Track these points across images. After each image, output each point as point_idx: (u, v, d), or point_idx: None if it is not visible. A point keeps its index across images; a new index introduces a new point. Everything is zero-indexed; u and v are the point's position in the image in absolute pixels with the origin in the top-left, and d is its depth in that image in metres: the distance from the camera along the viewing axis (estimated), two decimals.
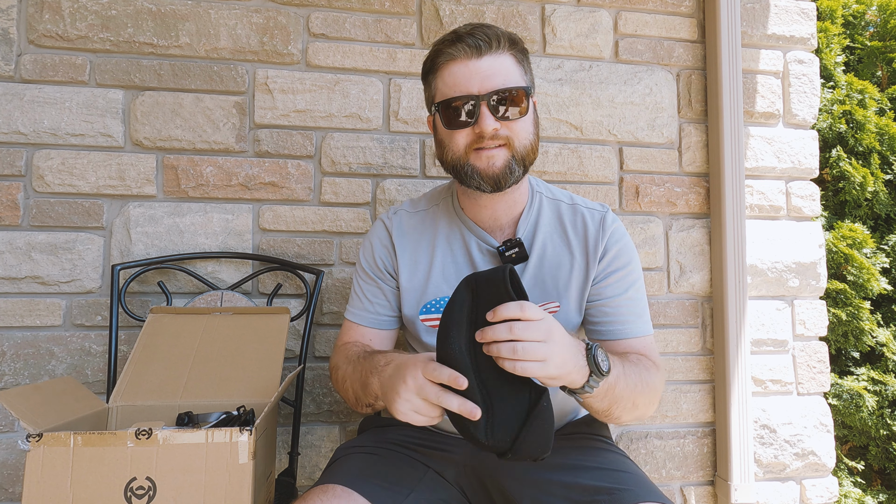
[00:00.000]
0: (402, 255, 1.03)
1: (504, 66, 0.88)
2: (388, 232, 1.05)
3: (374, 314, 1.05)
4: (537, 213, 1.01)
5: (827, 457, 1.67)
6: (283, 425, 1.42)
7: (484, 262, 0.99)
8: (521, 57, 0.92)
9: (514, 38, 0.91)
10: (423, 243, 1.03)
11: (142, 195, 1.45)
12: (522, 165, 0.91)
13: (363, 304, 1.06)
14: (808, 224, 1.73)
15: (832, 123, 2.06)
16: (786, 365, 1.68)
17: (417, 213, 1.06)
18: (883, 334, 1.92)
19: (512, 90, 0.87)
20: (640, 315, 0.98)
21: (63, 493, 0.82)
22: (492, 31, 0.88)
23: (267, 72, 1.51)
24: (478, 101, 0.86)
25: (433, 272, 1.01)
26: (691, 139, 1.70)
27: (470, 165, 0.90)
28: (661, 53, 1.70)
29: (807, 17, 1.77)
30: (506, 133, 0.88)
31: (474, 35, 0.87)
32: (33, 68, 1.41)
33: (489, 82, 0.87)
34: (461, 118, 0.88)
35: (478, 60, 0.87)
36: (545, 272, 0.98)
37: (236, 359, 1.18)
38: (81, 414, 1.00)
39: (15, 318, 1.38)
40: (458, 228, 1.02)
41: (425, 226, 1.04)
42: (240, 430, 0.85)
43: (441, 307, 1.00)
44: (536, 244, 0.99)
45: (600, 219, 0.99)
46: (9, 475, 1.36)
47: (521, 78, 0.90)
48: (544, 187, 1.06)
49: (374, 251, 1.05)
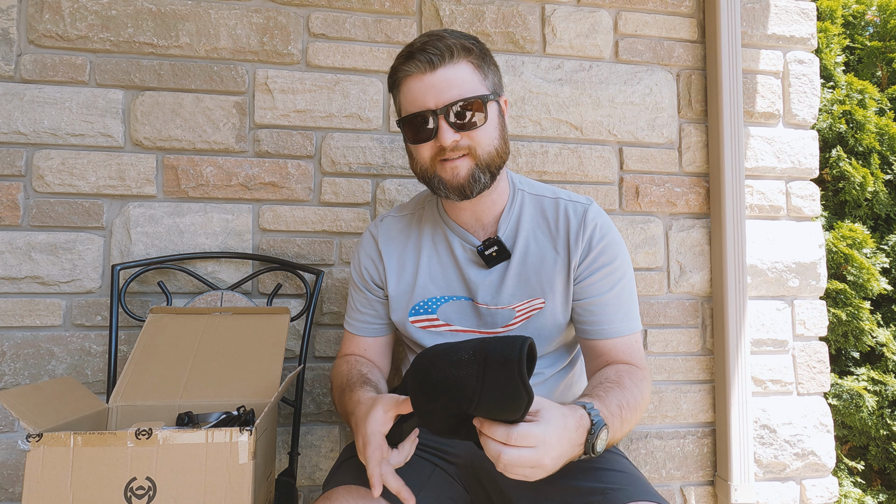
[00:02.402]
0: (389, 262, 1.05)
1: (459, 76, 0.88)
2: (374, 241, 1.08)
3: (365, 323, 1.10)
4: (519, 210, 1.02)
5: (827, 457, 1.67)
6: (283, 425, 1.42)
7: (467, 260, 1.01)
8: (480, 62, 0.92)
9: (468, 45, 0.90)
10: (410, 246, 1.06)
11: (142, 195, 1.44)
12: (488, 172, 0.92)
13: (356, 314, 1.11)
14: (808, 224, 1.73)
15: (832, 123, 2.06)
16: (786, 365, 1.68)
17: (404, 217, 1.09)
18: (883, 334, 1.92)
19: (468, 100, 0.88)
20: (627, 312, 0.98)
21: (63, 493, 0.82)
22: (444, 44, 0.88)
23: (267, 72, 1.51)
24: (435, 115, 0.88)
25: (420, 274, 1.03)
26: (691, 139, 1.70)
27: (437, 176, 0.92)
28: (661, 53, 1.70)
29: (807, 18, 1.77)
30: (467, 143, 0.90)
31: (426, 50, 0.88)
32: (33, 68, 1.41)
33: (444, 95, 0.88)
34: (422, 133, 0.90)
35: (432, 74, 0.88)
36: (529, 268, 0.99)
37: (236, 359, 1.18)
38: (81, 414, 1.00)
39: (15, 318, 1.38)
40: (441, 230, 1.04)
41: (411, 229, 1.07)
42: (240, 431, 0.85)
43: (429, 308, 1.01)
44: (519, 241, 1.00)
45: (582, 212, 0.99)
46: (9, 475, 1.35)
47: (479, 85, 0.90)
48: (527, 184, 1.06)
49: (362, 263, 1.09)
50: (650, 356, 1.64)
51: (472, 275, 1.00)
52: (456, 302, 1.02)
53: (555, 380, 1.05)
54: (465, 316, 1.03)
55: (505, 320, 1.01)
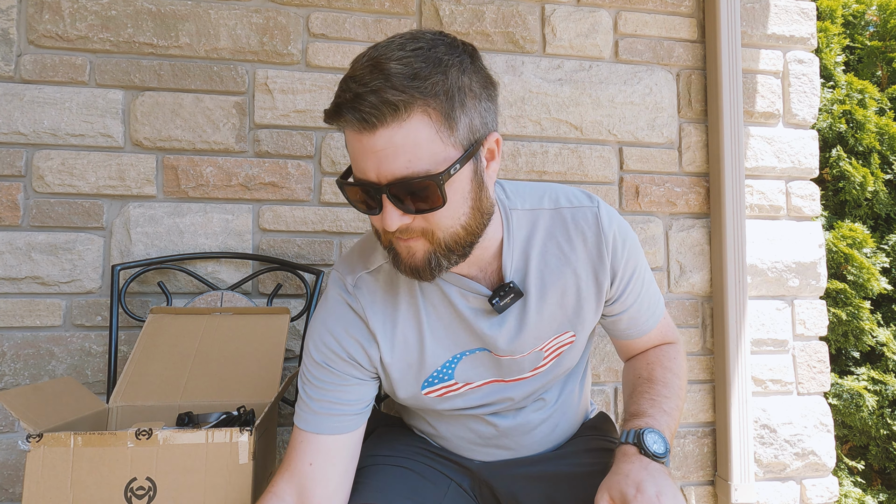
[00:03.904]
0: (382, 337, 0.81)
1: (409, 139, 0.62)
2: (355, 314, 0.82)
3: (334, 416, 0.81)
4: (521, 237, 0.82)
5: (827, 456, 1.67)
6: (282, 425, 1.42)
7: (471, 310, 0.81)
8: (447, 107, 0.63)
9: (428, 86, 0.62)
10: (401, 309, 0.82)
11: (142, 195, 1.44)
12: (453, 255, 0.72)
13: (320, 404, 0.81)
14: (808, 224, 1.73)
15: (832, 123, 2.06)
16: (786, 365, 1.68)
17: (380, 272, 0.83)
18: (883, 334, 1.91)
19: (417, 180, 0.63)
20: (655, 304, 0.93)
21: (63, 494, 0.82)
22: (384, 98, 0.60)
23: (267, 72, 1.51)
24: (378, 191, 0.65)
25: (426, 341, 0.82)
26: (691, 139, 1.70)
27: (393, 250, 0.73)
28: (660, 53, 1.70)
29: (807, 17, 1.77)
30: (421, 225, 0.68)
31: (358, 107, 0.61)
32: (33, 68, 1.41)
33: (388, 166, 0.63)
34: (367, 205, 0.69)
35: (371, 137, 0.62)
36: (550, 303, 0.83)
37: (236, 359, 1.18)
38: (81, 414, 1.00)
39: (15, 318, 1.38)
40: (433, 282, 0.80)
41: (394, 286, 0.83)
42: (240, 431, 0.85)
43: (444, 376, 0.85)
44: (531, 274, 0.81)
45: (594, 220, 0.82)
46: (9, 475, 1.36)
47: (439, 149, 0.64)
48: (517, 196, 0.84)
49: (340, 343, 0.81)
50: None
51: (484, 326, 0.81)
52: (471, 356, 0.84)
53: (579, 386, 1.02)
54: (484, 369, 0.86)
55: (533, 364, 0.86)
